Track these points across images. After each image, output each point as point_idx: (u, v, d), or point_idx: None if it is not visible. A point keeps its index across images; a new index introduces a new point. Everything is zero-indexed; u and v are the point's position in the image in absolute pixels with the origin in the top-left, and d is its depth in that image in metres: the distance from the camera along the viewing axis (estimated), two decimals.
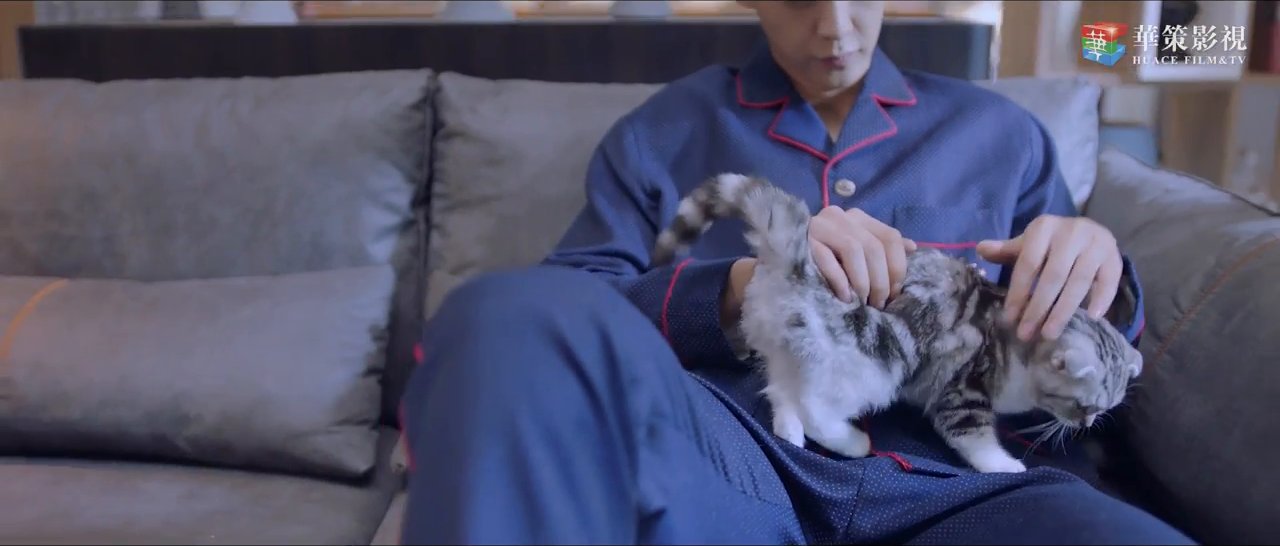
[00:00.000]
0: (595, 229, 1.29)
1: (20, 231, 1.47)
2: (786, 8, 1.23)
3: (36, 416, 1.28)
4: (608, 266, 1.26)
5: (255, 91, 1.50)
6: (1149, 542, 0.80)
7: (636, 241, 1.28)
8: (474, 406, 0.67)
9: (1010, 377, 1.00)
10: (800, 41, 1.24)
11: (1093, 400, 0.96)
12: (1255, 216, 1.28)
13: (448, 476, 0.66)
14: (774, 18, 1.26)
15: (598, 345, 0.71)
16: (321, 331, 1.34)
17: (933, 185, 1.26)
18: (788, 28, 1.25)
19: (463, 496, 0.65)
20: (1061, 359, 0.96)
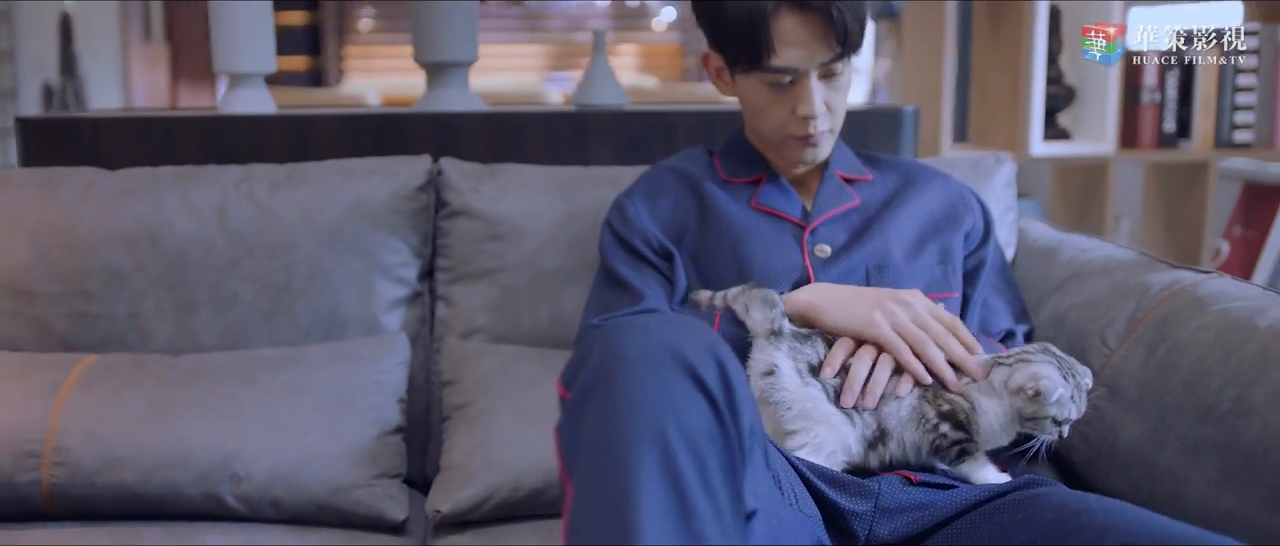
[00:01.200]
0: (624, 293, 1.44)
1: (47, 310, 1.55)
2: (769, 92, 1.42)
3: (92, 482, 1.36)
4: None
5: (269, 176, 1.62)
6: (1139, 520, 0.99)
7: (661, 297, 1.43)
8: (630, 423, 0.83)
9: (983, 413, 1.21)
10: (780, 122, 1.44)
11: (1067, 414, 1.18)
12: (1160, 268, 1.52)
13: (614, 480, 0.81)
14: (758, 101, 1.44)
15: (717, 373, 0.87)
16: (352, 394, 1.46)
17: (897, 246, 1.46)
18: (770, 110, 1.44)
19: (630, 494, 0.80)
20: (1035, 388, 1.17)
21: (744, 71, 1.41)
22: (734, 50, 1.40)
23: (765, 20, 1.34)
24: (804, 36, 1.35)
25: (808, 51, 1.36)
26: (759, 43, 1.36)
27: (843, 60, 1.40)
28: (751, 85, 1.43)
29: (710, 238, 1.46)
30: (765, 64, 1.37)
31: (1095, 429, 1.39)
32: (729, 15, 1.38)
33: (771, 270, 1.42)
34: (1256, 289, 1.39)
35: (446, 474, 1.44)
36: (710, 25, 1.44)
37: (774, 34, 1.35)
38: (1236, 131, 2.49)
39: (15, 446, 1.37)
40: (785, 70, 1.37)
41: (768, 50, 1.36)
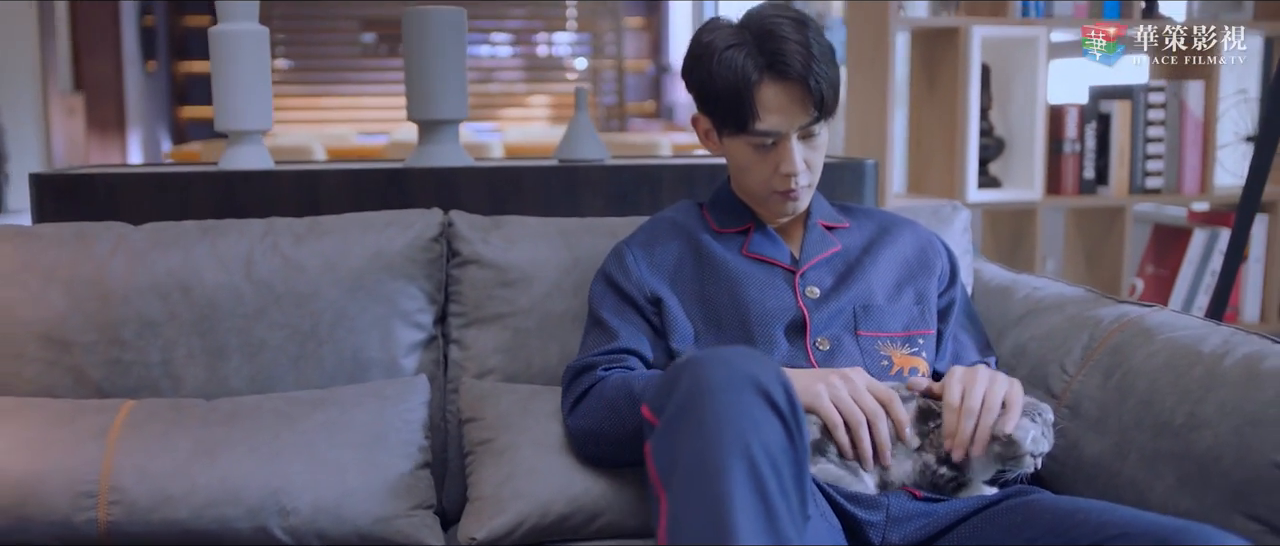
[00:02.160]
0: (602, 334, 1.58)
1: (83, 358, 1.62)
2: (754, 152, 1.57)
3: (147, 519, 1.44)
4: (616, 362, 1.55)
5: (291, 229, 1.72)
6: (1130, 515, 1.15)
7: (639, 339, 1.57)
8: (720, 439, 0.97)
9: (972, 459, 1.38)
10: (764, 178, 1.59)
11: (1040, 450, 1.36)
12: (1107, 303, 1.71)
13: (709, 488, 0.95)
14: (743, 160, 1.60)
15: (785, 396, 1.02)
16: (384, 432, 1.57)
17: (878, 288, 1.63)
18: (755, 168, 1.59)
19: (723, 499, 0.94)
20: (1008, 437, 1.35)
21: (731, 134, 1.57)
22: (722, 116, 1.55)
23: (750, 90, 1.50)
24: (785, 103, 1.51)
25: (788, 116, 1.52)
26: (745, 110, 1.51)
27: (819, 122, 1.56)
28: (738, 146, 1.58)
29: (709, 284, 1.61)
30: (751, 128, 1.53)
31: (1060, 446, 1.56)
32: (718, 85, 1.53)
33: (768, 311, 1.57)
34: (1196, 319, 1.59)
35: (477, 504, 1.55)
36: (700, 93, 1.58)
37: (758, 102, 1.51)
38: (1148, 178, 2.73)
39: (72, 487, 1.45)
40: (768, 134, 1.53)
41: (753, 116, 1.51)
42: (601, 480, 1.55)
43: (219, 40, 2.00)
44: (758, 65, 1.47)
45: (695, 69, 1.56)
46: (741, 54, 1.48)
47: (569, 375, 1.56)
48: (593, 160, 2.09)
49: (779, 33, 1.47)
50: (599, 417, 1.48)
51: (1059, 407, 1.59)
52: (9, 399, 1.57)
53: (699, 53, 1.54)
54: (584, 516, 1.53)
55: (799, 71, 1.47)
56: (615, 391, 1.47)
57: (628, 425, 1.44)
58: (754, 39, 1.48)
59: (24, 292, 1.62)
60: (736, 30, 1.51)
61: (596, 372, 1.52)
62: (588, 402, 1.50)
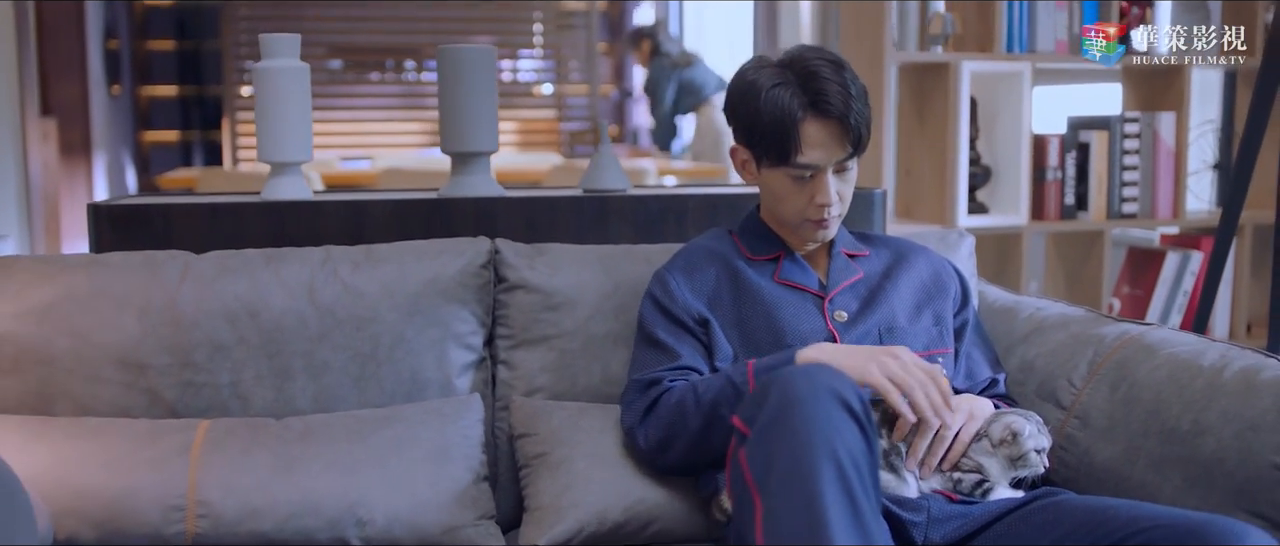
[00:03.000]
0: (662, 353, 1.70)
1: (157, 381, 1.71)
2: (792, 183, 1.70)
3: (233, 531, 1.54)
4: (680, 377, 1.67)
5: (349, 257, 1.83)
6: (1157, 510, 1.29)
7: (696, 357, 1.69)
8: (810, 445, 1.09)
9: (988, 465, 1.52)
10: (799, 208, 1.72)
11: (1043, 445, 1.51)
12: (1107, 322, 1.85)
13: (803, 489, 1.07)
14: (780, 190, 1.72)
15: (861, 405, 1.15)
16: (449, 447, 1.68)
17: (900, 311, 1.76)
18: (791, 197, 1.72)
19: (816, 498, 1.07)
20: (1011, 431, 1.50)
21: (770, 165, 1.69)
22: (765, 148, 1.68)
23: (795, 125, 1.63)
24: (825, 139, 1.65)
25: (827, 151, 1.65)
26: (788, 144, 1.64)
27: (853, 158, 1.70)
28: (777, 177, 1.71)
29: (745, 308, 1.73)
30: (792, 161, 1.66)
31: (1073, 453, 1.71)
32: (763, 119, 1.66)
33: (802, 333, 1.70)
34: (1192, 336, 1.74)
35: (536, 514, 1.66)
36: (745, 126, 1.71)
37: (801, 137, 1.64)
38: (1125, 204, 2.90)
39: (161, 502, 1.54)
40: (808, 167, 1.66)
41: (795, 150, 1.65)
42: (653, 489, 1.67)
43: (263, 76, 2.09)
44: (801, 103, 1.60)
45: (740, 104, 1.68)
46: (787, 93, 1.61)
47: (635, 389, 1.68)
48: (616, 190, 2.21)
49: (821, 74, 1.61)
50: (667, 426, 1.60)
51: (1068, 418, 1.73)
52: (93, 419, 1.66)
53: (744, 89, 1.67)
54: (638, 523, 1.65)
55: (839, 110, 1.60)
56: (681, 399, 1.60)
57: (692, 426, 1.57)
58: (798, 79, 1.62)
59: (100, 319, 1.71)
60: (780, 70, 1.64)
61: (663, 385, 1.64)
62: (658, 412, 1.62)
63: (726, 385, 1.57)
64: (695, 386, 1.61)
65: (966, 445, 1.54)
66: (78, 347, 1.70)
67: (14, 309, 1.70)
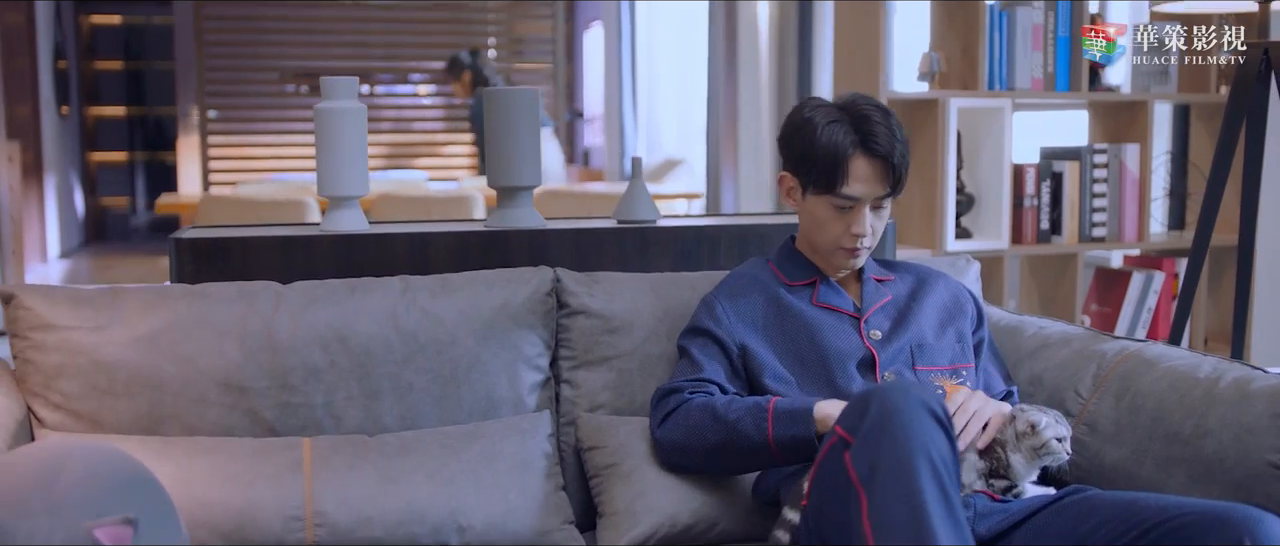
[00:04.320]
0: (689, 365, 1.90)
1: (257, 402, 1.86)
2: (834, 212, 1.89)
3: (349, 538, 1.69)
4: (699, 388, 1.86)
5: (426, 286, 1.99)
6: (1183, 500, 1.50)
7: (718, 373, 1.88)
8: (909, 449, 1.29)
9: (1013, 461, 1.72)
10: (836, 236, 1.92)
11: (1063, 433, 1.71)
12: (1106, 339, 2.07)
13: (904, 485, 1.27)
14: (821, 217, 1.91)
15: (944, 414, 1.35)
16: (529, 460, 1.85)
17: (928, 329, 1.97)
18: (830, 225, 1.91)
19: (917, 494, 1.26)
20: (1031, 423, 1.70)
21: (816, 193, 1.89)
22: (815, 177, 1.87)
23: (845, 158, 1.83)
24: (869, 175, 1.85)
25: (868, 186, 1.86)
26: (837, 175, 1.85)
27: (890, 196, 1.90)
28: (820, 204, 1.90)
29: (789, 330, 1.93)
30: (837, 191, 1.86)
31: (1084, 456, 1.92)
32: (817, 151, 1.85)
33: (842, 351, 1.90)
34: (1185, 351, 1.97)
35: (611, 519, 1.84)
36: (799, 155, 1.89)
37: (849, 170, 1.84)
38: (1095, 228, 3.15)
39: (282, 513, 1.69)
40: (850, 198, 1.86)
41: (842, 181, 1.85)
42: (715, 494, 1.85)
43: (323, 116, 2.24)
44: (852, 141, 1.81)
45: (795, 136, 1.88)
46: (841, 130, 1.81)
47: (657, 396, 1.88)
48: (646, 221, 2.39)
49: (872, 118, 1.82)
50: (683, 432, 1.80)
51: (1078, 425, 1.95)
52: (205, 438, 1.80)
53: (800, 124, 1.87)
54: (704, 525, 1.83)
55: (885, 150, 1.81)
56: (700, 412, 1.79)
57: (709, 441, 1.77)
58: (851, 119, 1.82)
59: (203, 345, 1.86)
60: (835, 110, 1.85)
61: (682, 395, 1.83)
62: (674, 419, 1.81)
63: (750, 413, 1.76)
64: (716, 405, 1.79)
65: (991, 422, 1.74)
66: (184, 372, 1.84)
67: (125, 337, 1.84)
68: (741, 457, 1.74)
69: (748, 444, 1.72)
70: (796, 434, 1.71)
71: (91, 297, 1.89)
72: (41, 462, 1.40)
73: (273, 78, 9.17)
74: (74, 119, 10.58)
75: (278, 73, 9.16)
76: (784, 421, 1.73)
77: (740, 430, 1.76)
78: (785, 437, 1.70)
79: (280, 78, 9.18)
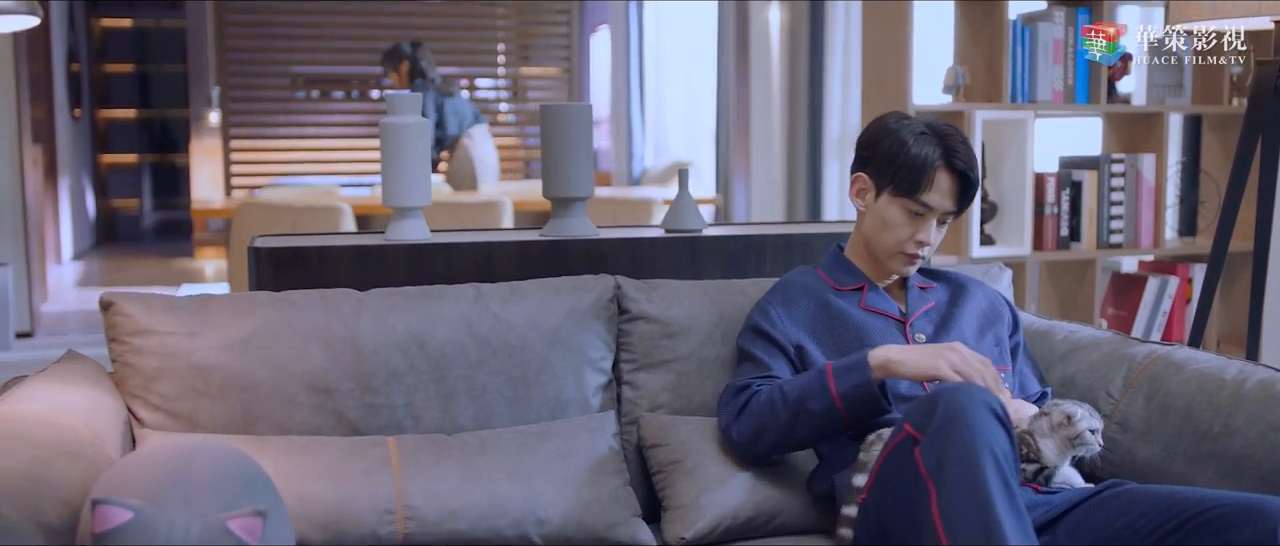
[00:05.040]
0: (755, 366, 2.02)
1: (342, 403, 1.97)
2: (905, 216, 2.01)
3: (436, 531, 1.81)
4: (766, 382, 1.98)
5: (496, 293, 2.11)
6: (1219, 493, 1.62)
7: (784, 371, 2.00)
8: (974, 445, 1.41)
9: (1044, 446, 1.84)
10: (901, 240, 2.04)
11: (1096, 425, 1.83)
12: (1134, 343, 2.20)
13: (971, 478, 1.39)
14: (891, 219, 2.03)
15: (1003, 413, 1.47)
16: (598, 457, 1.97)
17: (968, 333, 2.09)
18: (897, 229, 2.03)
19: (982, 487, 1.39)
20: (1066, 414, 1.82)
21: (892, 195, 2.01)
22: (897, 180, 1.99)
23: (931, 168, 1.97)
24: (948, 188, 1.99)
25: (943, 198, 1.99)
26: (920, 181, 1.97)
27: (954, 215, 2.03)
28: (893, 207, 2.02)
29: (839, 332, 2.05)
30: (916, 196, 1.98)
31: (1116, 452, 2.05)
32: (906, 158, 1.98)
33: None
34: (1210, 355, 2.09)
35: (676, 512, 1.96)
36: (883, 159, 2.00)
37: (932, 180, 1.97)
38: (1112, 235, 3.28)
39: (375, 507, 1.81)
40: (926, 206, 1.99)
41: (924, 189, 1.97)
42: (774, 488, 1.98)
43: (389, 131, 2.36)
44: (940, 155, 1.95)
45: (884, 140, 2.01)
46: (930, 144, 1.96)
47: (727, 394, 2.00)
48: (693, 230, 2.51)
49: (956, 138, 1.98)
50: (756, 422, 1.92)
51: (1110, 424, 2.08)
52: (297, 437, 1.92)
53: (888, 131, 2.01)
54: (764, 517, 1.96)
55: (964, 169, 1.94)
56: (767, 398, 1.92)
57: (781, 419, 1.90)
58: (938, 137, 1.97)
59: (291, 349, 1.97)
60: (924, 126, 2.00)
61: (752, 389, 1.95)
62: (748, 411, 1.94)
63: (811, 381, 1.89)
64: (781, 386, 1.93)
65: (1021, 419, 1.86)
66: (274, 375, 1.96)
67: (219, 342, 1.95)
68: (813, 425, 1.86)
69: (816, 408, 1.85)
70: (857, 382, 1.84)
71: (184, 304, 2.00)
72: (173, 458, 1.52)
73: (284, 82, 9.27)
74: (85, 121, 10.68)
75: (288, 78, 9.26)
76: (843, 376, 1.86)
77: (806, 398, 1.88)
78: (848, 389, 1.83)
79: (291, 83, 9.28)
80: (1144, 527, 1.65)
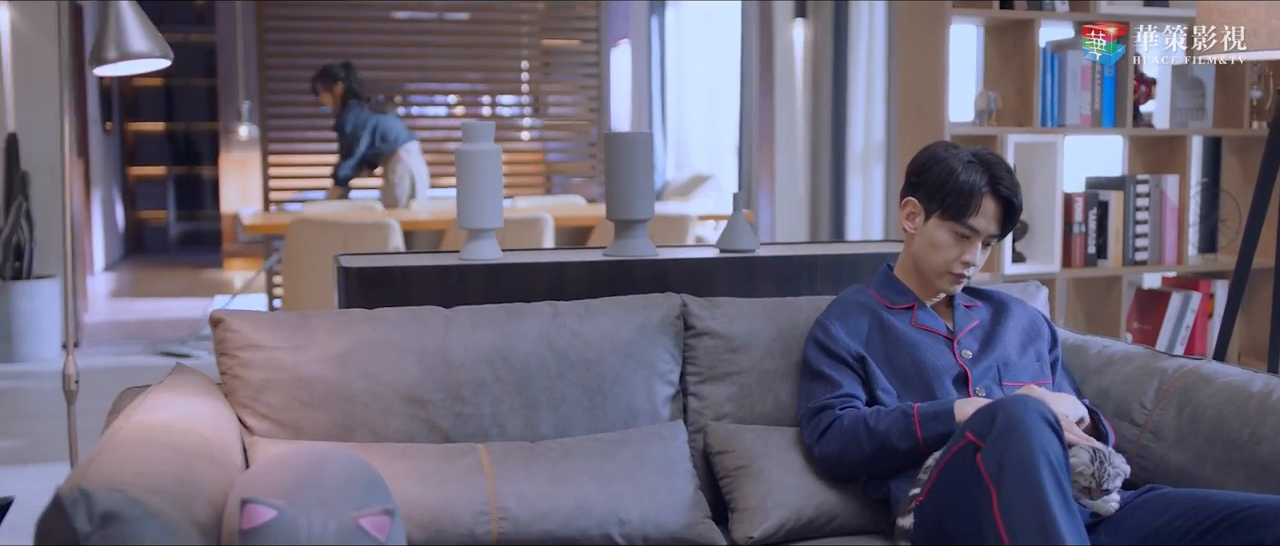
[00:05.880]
0: (827, 384, 2.18)
1: (434, 413, 2.14)
2: (952, 238, 2.17)
3: (528, 531, 1.97)
4: (846, 403, 2.14)
5: (572, 311, 2.27)
6: (1251, 496, 1.78)
7: (855, 386, 2.17)
8: (1031, 451, 1.57)
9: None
10: (948, 261, 2.20)
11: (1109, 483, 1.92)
12: (1164, 357, 2.35)
13: (1029, 481, 1.56)
14: (939, 241, 2.19)
15: (1056, 422, 1.63)
16: (672, 463, 2.13)
17: (1011, 349, 2.25)
18: (945, 250, 2.19)
19: (1039, 489, 1.55)
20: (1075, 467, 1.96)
21: (940, 219, 2.17)
22: (946, 205, 2.15)
23: (978, 194, 2.13)
24: (993, 213, 2.15)
25: (989, 224, 2.15)
26: (967, 207, 2.13)
27: (998, 238, 2.19)
28: (942, 230, 2.18)
29: (893, 348, 2.21)
30: (963, 221, 2.14)
31: (1149, 460, 2.20)
32: (954, 183, 2.14)
33: (939, 368, 2.18)
34: (1238, 368, 2.25)
35: (744, 513, 2.12)
36: (934, 186, 2.17)
37: (979, 205, 2.13)
38: (1137, 252, 3.44)
39: (471, 508, 1.97)
40: (973, 229, 2.15)
41: (971, 213, 2.14)
42: (834, 491, 2.14)
43: (464, 158, 2.53)
44: (986, 182, 2.12)
45: (934, 168, 2.17)
46: (977, 172, 2.12)
47: (809, 415, 2.15)
48: (746, 251, 2.67)
49: (1002, 168, 2.14)
50: (840, 446, 2.07)
51: (1143, 433, 2.23)
52: (395, 444, 2.08)
53: (938, 160, 2.17)
54: (825, 518, 2.12)
55: (1009, 194, 2.11)
56: (852, 426, 2.07)
57: (865, 450, 2.04)
58: (985, 166, 2.13)
59: (387, 362, 2.14)
60: (971, 155, 2.16)
61: (834, 411, 2.11)
62: (830, 435, 2.09)
63: (898, 421, 2.05)
64: (866, 418, 2.08)
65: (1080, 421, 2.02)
66: (371, 387, 2.12)
67: (320, 355, 2.12)
68: (896, 460, 2.02)
69: (902, 446, 2.01)
70: (942, 430, 2.01)
71: (286, 321, 2.17)
72: (305, 463, 1.69)
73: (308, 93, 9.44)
74: (115, 134, 10.89)
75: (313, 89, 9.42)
76: (930, 422, 2.03)
77: (892, 437, 2.05)
78: (933, 435, 1.99)
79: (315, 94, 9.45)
80: (1181, 527, 1.81)
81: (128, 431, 1.75)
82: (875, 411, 2.10)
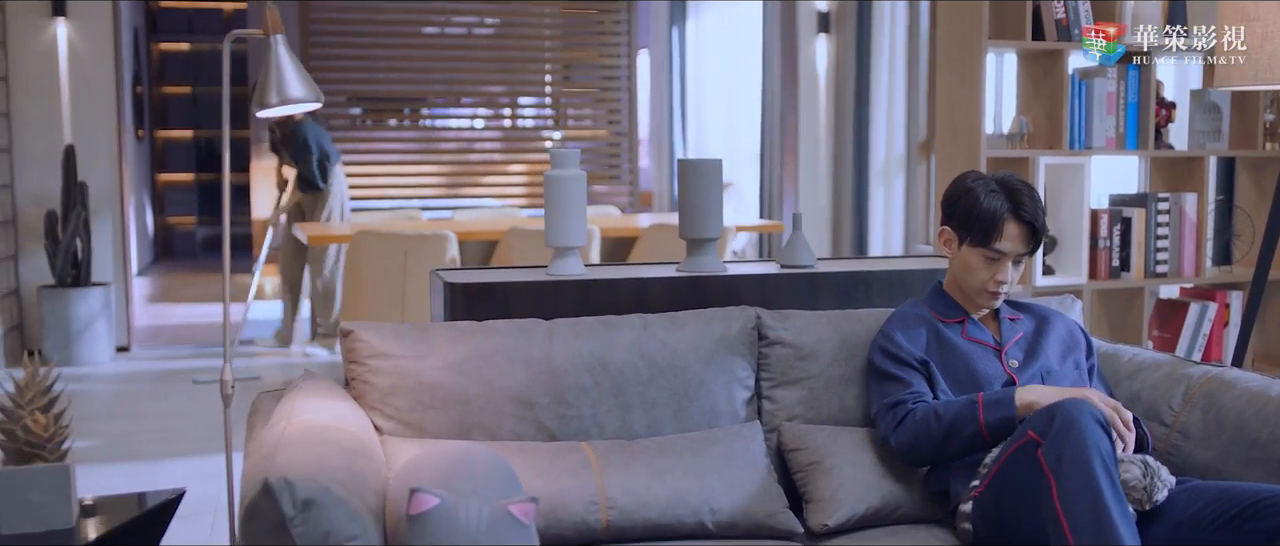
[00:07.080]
0: (898, 383, 2.43)
1: (542, 414, 2.39)
2: (984, 261, 2.43)
3: (633, 518, 2.23)
4: (916, 399, 2.39)
5: (659, 323, 2.53)
6: (1272, 486, 2.03)
7: (922, 383, 2.42)
8: (1085, 445, 1.83)
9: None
10: (983, 281, 2.46)
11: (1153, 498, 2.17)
12: (1190, 364, 2.61)
13: (1084, 472, 1.81)
14: (973, 264, 2.45)
15: (1103, 420, 1.89)
16: (754, 458, 2.39)
17: (1053, 359, 2.51)
18: (979, 272, 2.45)
19: (1093, 481, 1.81)
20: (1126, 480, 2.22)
21: (971, 245, 2.43)
22: (974, 232, 2.41)
23: (1001, 221, 2.38)
24: (1018, 235, 2.40)
25: (1014, 244, 2.41)
26: (991, 232, 2.39)
27: (1027, 256, 2.44)
28: (974, 255, 2.44)
29: (947, 357, 2.47)
30: (990, 246, 2.40)
31: (1177, 457, 2.46)
32: (979, 212, 2.39)
33: (989, 377, 2.44)
34: (1258, 375, 2.51)
35: (818, 504, 2.37)
36: (963, 215, 2.42)
37: (1002, 230, 2.39)
38: (1158, 265, 3.70)
39: (583, 498, 2.23)
40: (1000, 252, 2.40)
41: (996, 238, 2.39)
42: (898, 484, 2.40)
43: (552, 182, 2.78)
44: (1008, 208, 2.36)
45: (961, 199, 2.42)
46: (999, 199, 2.37)
47: (885, 409, 2.41)
48: (807, 266, 2.93)
49: (1022, 192, 2.38)
50: (913, 435, 2.33)
51: (1171, 433, 2.49)
52: (510, 442, 2.34)
53: (965, 191, 2.42)
54: (890, 508, 2.38)
55: (1030, 217, 2.36)
56: (923, 416, 2.33)
57: (934, 436, 2.30)
58: (1006, 192, 2.38)
59: (499, 369, 2.39)
60: (994, 183, 2.40)
61: (907, 406, 2.37)
62: (904, 426, 2.35)
63: (964, 409, 2.30)
64: (935, 409, 2.34)
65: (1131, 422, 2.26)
66: (486, 391, 2.38)
67: (440, 363, 2.38)
68: (962, 443, 2.26)
69: (967, 431, 2.25)
70: (1004, 414, 2.25)
71: (407, 332, 2.43)
72: (453, 457, 1.94)
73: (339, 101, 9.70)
74: (146, 141, 11.14)
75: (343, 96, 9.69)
76: (992, 408, 2.27)
77: (959, 424, 2.29)
78: (994, 420, 2.24)
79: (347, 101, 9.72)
80: (1211, 514, 2.07)
81: (294, 431, 2.00)
82: (944, 401, 2.35)
